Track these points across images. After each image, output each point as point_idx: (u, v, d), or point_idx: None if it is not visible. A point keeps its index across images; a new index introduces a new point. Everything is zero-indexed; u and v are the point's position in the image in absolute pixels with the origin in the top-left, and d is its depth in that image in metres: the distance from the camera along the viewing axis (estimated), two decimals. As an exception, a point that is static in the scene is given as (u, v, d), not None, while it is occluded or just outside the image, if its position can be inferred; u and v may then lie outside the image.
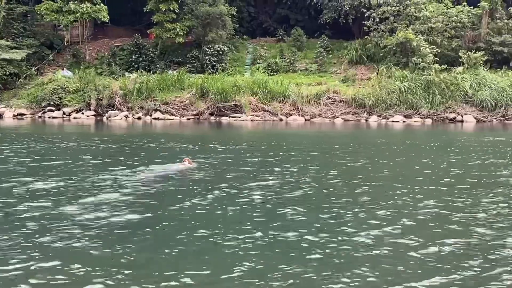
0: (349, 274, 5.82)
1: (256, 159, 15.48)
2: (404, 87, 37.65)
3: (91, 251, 6.53)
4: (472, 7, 43.09)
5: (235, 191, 10.33)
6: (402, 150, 19.69)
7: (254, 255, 6.42)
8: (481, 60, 39.63)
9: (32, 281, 5.54)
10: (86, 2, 41.93)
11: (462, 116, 37.29)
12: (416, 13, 42.68)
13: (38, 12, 43.03)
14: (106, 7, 43.11)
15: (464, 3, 43.74)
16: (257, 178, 11.88)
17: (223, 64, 43.42)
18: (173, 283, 5.56)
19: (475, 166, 14.54)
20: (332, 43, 47.38)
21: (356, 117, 37.29)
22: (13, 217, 8.09)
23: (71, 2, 41.78)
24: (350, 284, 5.58)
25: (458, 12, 42.83)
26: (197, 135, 26.64)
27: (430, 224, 7.99)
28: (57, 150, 17.93)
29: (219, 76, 39.27)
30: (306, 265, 6.07)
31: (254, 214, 8.48)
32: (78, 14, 41.69)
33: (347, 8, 45.96)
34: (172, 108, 37.00)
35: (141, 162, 14.43)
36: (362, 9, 44.30)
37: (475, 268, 6.06)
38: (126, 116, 36.70)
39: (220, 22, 43.54)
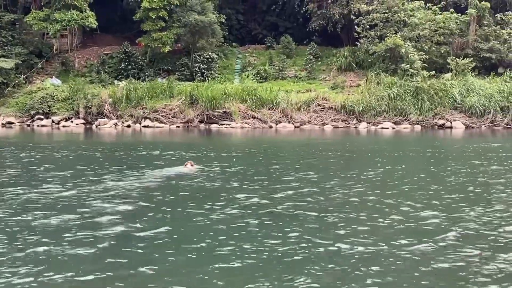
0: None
1: (251, 167, 15.41)
2: (393, 94, 37.80)
3: (88, 260, 6.48)
4: (460, 14, 43.40)
5: (235, 199, 10.30)
6: (401, 158, 19.74)
7: (255, 268, 6.37)
8: (469, 66, 39.85)
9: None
10: (72, 10, 41.77)
11: (451, 122, 37.44)
12: (405, 18, 42.88)
13: (27, 22, 42.86)
14: (93, 13, 43.02)
15: (452, 10, 44.07)
16: (255, 187, 11.81)
17: (212, 72, 43.41)
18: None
19: (479, 174, 14.47)
20: (321, 50, 47.50)
21: (346, 124, 37.37)
22: (12, 228, 8.01)
23: (56, 11, 41.60)
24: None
25: (445, 19, 43.10)
26: (188, 143, 26.56)
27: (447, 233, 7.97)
28: (49, 159, 17.83)
29: (208, 84, 39.27)
30: (313, 277, 5.99)
31: (257, 223, 8.44)
32: (64, 22, 41.52)
33: (337, 17, 46.10)
34: (162, 116, 36.96)
35: (139, 169, 14.37)
36: (352, 16, 44.47)
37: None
38: (116, 124, 36.61)
39: (209, 30, 43.55)
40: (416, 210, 9.39)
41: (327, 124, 37.02)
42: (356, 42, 43.89)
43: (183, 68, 43.72)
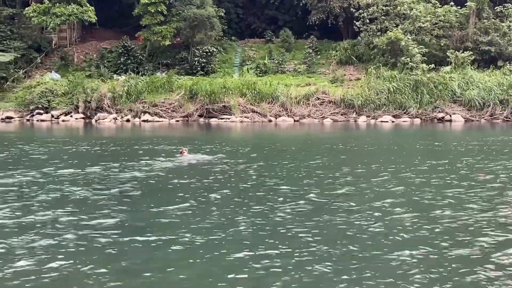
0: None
1: (263, 162, 15.25)
2: (392, 87, 37.75)
3: (89, 255, 6.48)
4: (459, 7, 43.28)
5: (236, 195, 10.29)
6: (416, 152, 19.70)
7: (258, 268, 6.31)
8: (469, 59, 39.79)
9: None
10: (72, 4, 41.69)
11: (450, 116, 37.41)
12: (407, 10, 42.72)
13: (26, 15, 42.75)
14: (92, 7, 42.94)
15: (452, 3, 43.95)
16: (271, 183, 11.71)
17: (212, 66, 43.38)
18: None
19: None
20: (321, 44, 47.42)
21: (345, 117, 37.33)
22: (21, 223, 8.02)
23: (57, 5, 41.52)
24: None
25: (445, 12, 43.00)
26: (189, 137, 26.48)
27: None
28: (56, 154, 17.73)
29: (208, 78, 39.21)
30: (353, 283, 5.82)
31: (282, 221, 8.34)
32: (64, 17, 41.42)
33: (338, 11, 45.97)
34: (161, 110, 36.93)
35: (149, 162, 14.42)
36: (352, 9, 44.36)
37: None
38: (115, 119, 36.57)
39: (208, 24, 43.46)
40: (452, 209, 9.06)
41: (326, 118, 36.98)
42: (356, 36, 43.77)
43: (182, 62, 43.69)
